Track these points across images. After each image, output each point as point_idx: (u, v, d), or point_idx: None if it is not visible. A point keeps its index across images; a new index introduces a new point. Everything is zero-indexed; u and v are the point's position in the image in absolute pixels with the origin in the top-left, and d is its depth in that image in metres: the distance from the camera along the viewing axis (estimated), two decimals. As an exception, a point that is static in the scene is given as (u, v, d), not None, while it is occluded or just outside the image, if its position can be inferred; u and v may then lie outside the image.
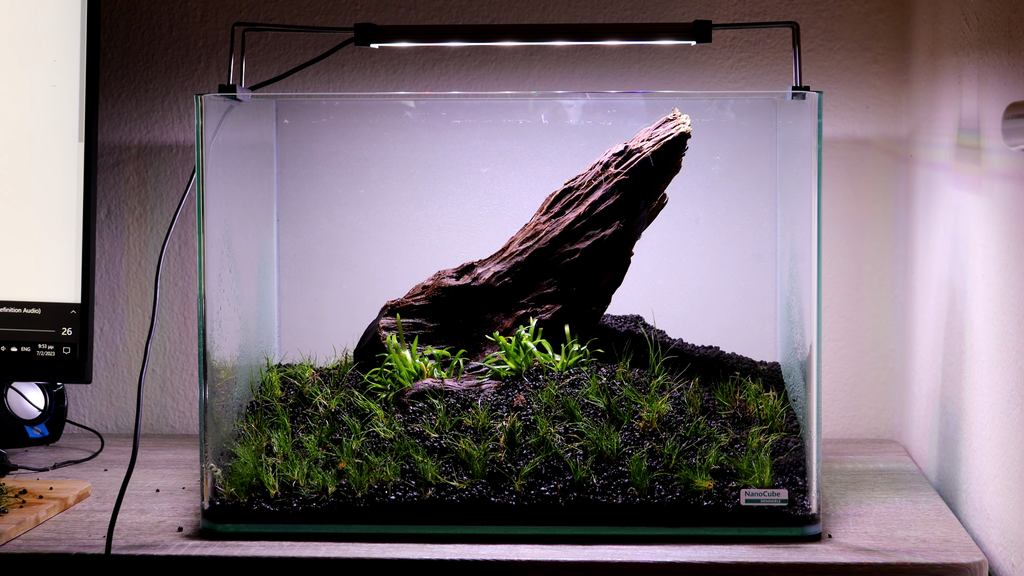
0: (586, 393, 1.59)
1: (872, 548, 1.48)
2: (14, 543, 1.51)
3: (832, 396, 2.04)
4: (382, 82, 2.04)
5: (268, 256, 1.88)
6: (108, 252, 2.09)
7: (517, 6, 2.02)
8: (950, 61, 1.72)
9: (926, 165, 1.87)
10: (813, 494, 1.52)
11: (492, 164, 1.85)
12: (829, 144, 1.99)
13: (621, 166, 1.70)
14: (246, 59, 1.84)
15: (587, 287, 1.71)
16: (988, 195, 1.56)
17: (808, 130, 1.54)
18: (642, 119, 1.73)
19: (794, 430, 1.58)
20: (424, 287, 1.74)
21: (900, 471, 1.82)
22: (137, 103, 2.08)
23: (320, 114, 1.87)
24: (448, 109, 1.87)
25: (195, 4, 2.06)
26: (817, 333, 1.54)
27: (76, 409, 2.11)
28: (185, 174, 2.08)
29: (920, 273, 1.90)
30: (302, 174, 1.89)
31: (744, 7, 2.00)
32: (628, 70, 2.01)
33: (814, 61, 2.00)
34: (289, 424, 1.63)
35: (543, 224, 1.73)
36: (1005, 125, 1.36)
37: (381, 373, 1.68)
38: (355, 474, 1.54)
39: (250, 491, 1.54)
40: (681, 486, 1.52)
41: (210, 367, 1.58)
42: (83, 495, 1.71)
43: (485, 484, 1.53)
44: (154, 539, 1.52)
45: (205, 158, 1.57)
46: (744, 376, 1.66)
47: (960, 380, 1.67)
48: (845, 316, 2.03)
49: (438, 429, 1.57)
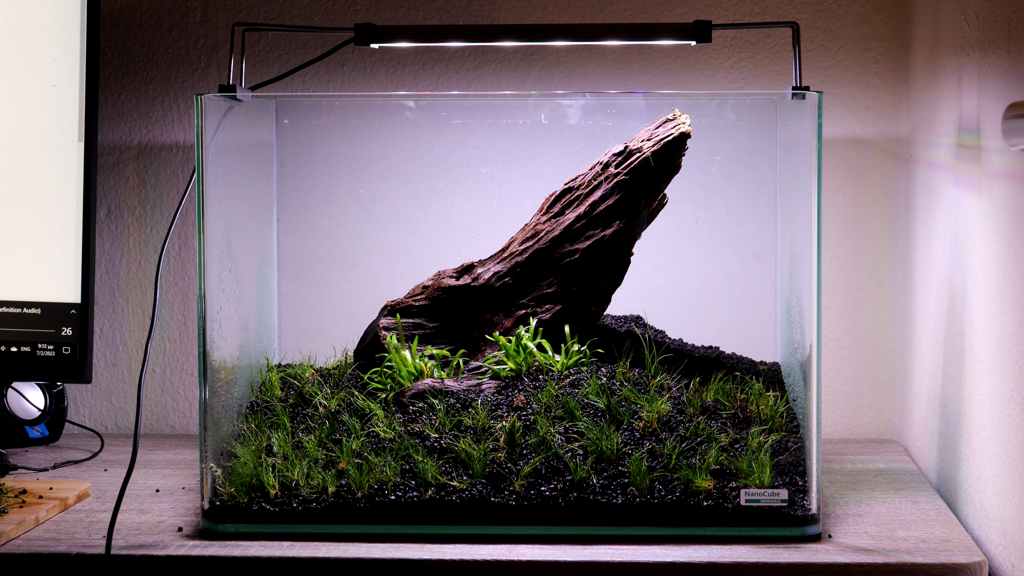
0: (586, 393, 1.59)
1: (872, 548, 1.48)
2: (14, 543, 1.51)
3: (832, 396, 2.04)
4: (382, 82, 2.04)
5: (268, 256, 1.88)
6: (108, 252, 2.09)
7: (517, 6, 2.02)
8: (950, 61, 1.72)
9: (926, 165, 1.87)
10: (813, 494, 1.52)
11: (492, 164, 1.85)
12: (829, 144, 1.99)
13: (621, 166, 1.70)
14: (246, 59, 1.84)
15: (587, 287, 1.71)
16: (988, 195, 1.56)
17: (808, 130, 1.54)
18: (642, 119, 1.73)
19: (794, 430, 1.58)
20: (424, 287, 1.74)
21: (900, 471, 1.82)
22: (137, 103, 2.08)
23: (320, 114, 1.87)
24: (448, 109, 1.87)
25: (195, 4, 2.06)
26: (817, 333, 1.54)
27: (76, 409, 2.11)
28: (185, 174, 2.08)
29: (920, 273, 1.90)
30: (302, 174, 1.89)
31: (744, 7, 2.00)
32: (628, 70, 2.01)
33: (814, 61, 2.00)
34: (289, 424, 1.63)
35: (543, 224, 1.73)
36: (1005, 125, 1.36)
37: (381, 373, 1.68)
38: (355, 474, 1.54)
39: (250, 491, 1.54)
40: (681, 486, 1.52)
41: (210, 367, 1.58)
42: (83, 495, 1.71)
43: (485, 484, 1.53)
44: (154, 539, 1.52)
45: (205, 158, 1.57)
46: (747, 375, 1.66)
47: (960, 380, 1.67)
48: (845, 316, 2.03)
49: (438, 429, 1.57)
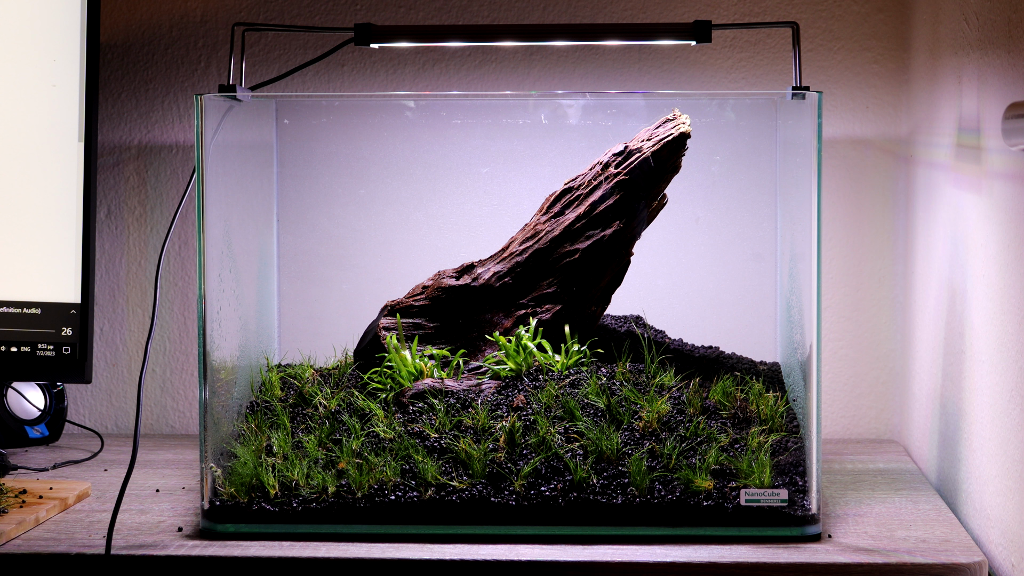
0: (586, 393, 1.59)
1: (872, 548, 1.48)
2: (14, 543, 1.51)
3: (832, 396, 2.04)
4: (382, 82, 2.04)
5: (268, 256, 1.88)
6: (108, 252, 2.09)
7: (517, 6, 2.02)
8: (950, 61, 1.72)
9: (926, 165, 1.87)
10: (813, 494, 1.52)
11: (492, 164, 1.84)
12: (829, 144, 1.99)
13: (621, 166, 1.70)
14: (246, 59, 1.84)
15: (587, 287, 1.71)
16: (988, 195, 1.56)
17: (808, 130, 1.54)
18: (642, 119, 1.73)
19: (794, 430, 1.58)
20: (424, 287, 1.74)
21: (900, 471, 1.82)
22: (137, 103, 2.08)
23: (320, 114, 1.87)
24: (448, 109, 1.87)
25: (195, 4, 2.06)
26: (817, 333, 1.53)
27: (76, 409, 2.11)
28: (185, 174, 2.08)
29: (920, 273, 1.90)
30: (302, 174, 1.89)
31: (744, 7, 2.00)
32: (628, 70, 2.01)
33: (814, 61, 2.00)
34: (289, 424, 1.63)
35: (543, 224, 1.73)
36: (1005, 125, 1.36)
37: (381, 373, 1.68)
38: (355, 474, 1.54)
39: (250, 491, 1.54)
40: (681, 486, 1.52)
41: (210, 367, 1.58)
42: (83, 495, 1.71)
43: (485, 484, 1.53)
44: (154, 539, 1.52)
45: (205, 158, 1.57)
46: (747, 375, 1.66)
47: (960, 380, 1.67)
48: (845, 316, 2.03)
49: (438, 429, 1.57)
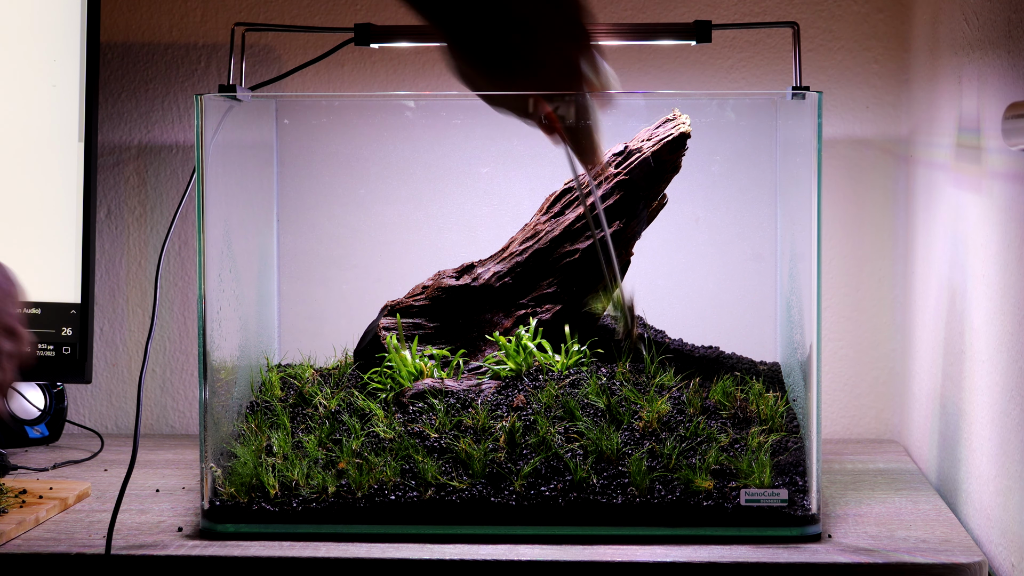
0: (586, 393, 1.59)
1: (872, 548, 1.47)
2: (14, 543, 1.51)
3: (832, 396, 2.04)
4: (382, 82, 2.04)
5: (268, 256, 1.88)
6: (108, 252, 2.09)
7: (517, 6, 2.01)
8: (950, 61, 1.72)
9: (926, 165, 1.87)
10: (813, 494, 1.52)
11: (492, 164, 1.84)
12: (829, 144, 1.99)
13: (621, 166, 1.70)
14: (246, 59, 1.84)
15: (587, 287, 1.71)
16: (988, 195, 1.56)
17: (808, 130, 1.54)
18: (642, 119, 1.73)
19: (794, 430, 1.58)
20: (424, 287, 1.74)
21: (900, 471, 1.82)
22: (137, 103, 2.08)
23: (320, 114, 1.87)
24: (448, 109, 1.87)
25: (195, 4, 2.06)
26: (817, 333, 1.53)
27: (76, 409, 2.11)
28: (185, 174, 2.08)
29: (920, 273, 1.90)
30: (302, 174, 1.89)
31: (744, 7, 2.00)
32: (628, 70, 2.01)
33: (814, 61, 2.00)
34: (289, 424, 1.63)
35: (543, 224, 1.73)
36: (1005, 125, 1.36)
37: (381, 373, 1.68)
38: (355, 474, 1.54)
39: (250, 491, 1.54)
40: (681, 486, 1.52)
41: (210, 367, 1.58)
42: (83, 495, 1.71)
43: (485, 484, 1.53)
44: (154, 539, 1.52)
45: (205, 158, 1.57)
46: (747, 375, 1.66)
47: (960, 380, 1.67)
48: (845, 316, 2.03)
49: (438, 429, 1.57)
